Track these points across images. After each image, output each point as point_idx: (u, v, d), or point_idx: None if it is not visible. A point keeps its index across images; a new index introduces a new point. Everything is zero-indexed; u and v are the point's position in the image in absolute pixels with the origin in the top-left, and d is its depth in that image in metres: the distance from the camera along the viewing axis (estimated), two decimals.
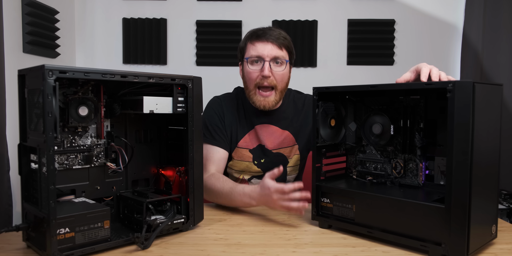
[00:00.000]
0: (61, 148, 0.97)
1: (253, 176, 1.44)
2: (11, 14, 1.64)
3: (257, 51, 1.31)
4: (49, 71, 0.79)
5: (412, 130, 1.03)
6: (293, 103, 1.48)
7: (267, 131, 1.43)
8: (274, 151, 1.43)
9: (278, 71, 1.33)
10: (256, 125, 1.42)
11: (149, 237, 0.94)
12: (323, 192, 1.08)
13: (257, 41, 1.33)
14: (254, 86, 1.34)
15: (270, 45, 1.31)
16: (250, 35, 1.36)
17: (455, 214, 0.82)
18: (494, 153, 0.91)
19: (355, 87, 1.02)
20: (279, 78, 1.33)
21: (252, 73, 1.33)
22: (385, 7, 2.45)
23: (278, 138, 1.43)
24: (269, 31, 1.33)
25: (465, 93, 0.81)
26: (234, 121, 1.42)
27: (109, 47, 2.40)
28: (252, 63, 1.34)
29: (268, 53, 1.30)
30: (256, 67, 1.33)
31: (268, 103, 1.35)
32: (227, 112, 1.43)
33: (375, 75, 2.46)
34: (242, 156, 1.42)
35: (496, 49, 2.22)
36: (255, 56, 1.32)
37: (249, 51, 1.34)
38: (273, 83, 1.33)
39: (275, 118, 1.43)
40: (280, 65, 1.33)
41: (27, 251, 0.90)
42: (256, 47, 1.32)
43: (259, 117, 1.42)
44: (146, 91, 1.02)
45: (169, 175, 1.12)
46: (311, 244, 0.96)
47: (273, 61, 1.32)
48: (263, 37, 1.32)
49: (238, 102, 1.45)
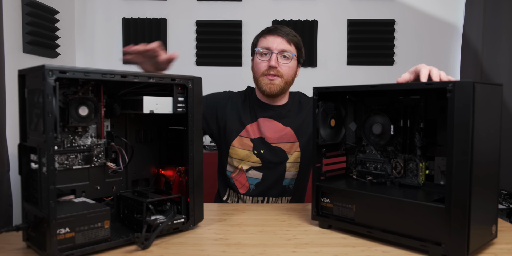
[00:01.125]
0: (61, 148, 0.97)
1: (251, 167, 1.47)
2: (11, 14, 1.64)
3: (267, 44, 1.40)
4: (49, 71, 0.79)
5: (412, 130, 1.03)
6: (298, 103, 1.54)
7: (269, 125, 1.48)
8: (273, 145, 1.47)
9: (285, 64, 1.41)
10: (260, 118, 1.48)
11: (149, 237, 0.94)
12: (323, 192, 1.08)
13: (268, 34, 1.42)
14: (261, 74, 1.42)
15: (279, 39, 1.40)
16: (262, 31, 1.46)
17: (455, 214, 0.83)
18: (494, 153, 0.91)
19: (355, 87, 1.02)
20: (286, 69, 1.41)
21: (260, 63, 1.42)
22: (385, 7, 2.45)
23: (279, 132, 1.47)
24: (281, 28, 1.43)
25: (465, 93, 0.81)
26: (237, 112, 1.50)
27: (109, 47, 2.40)
28: (261, 54, 1.42)
29: (277, 46, 1.39)
30: (265, 58, 1.41)
31: (274, 85, 1.40)
32: (231, 103, 1.51)
33: (375, 75, 2.47)
34: (244, 144, 1.47)
35: (496, 49, 2.22)
36: (264, 48, 1.41)
37: (260, 44, 1.44)
38: (279, 73, 1.40)
39: (279, 114, 1.49)
40: (287, 58, 1.41)
41: (27, 251, 0.90)
42: (266, 40, 1.41)
43: (264, 111, 1.49)
44: (146, 91, 1.02)
45: (169, 175, 1.12)
46: (311, 244, 0.96)
47: (281, 54, 1.40)
48: (274, 32, 1.41)
49: (246, 95, 1.54)
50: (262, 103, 1.49)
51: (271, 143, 1.46)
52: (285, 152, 1.47)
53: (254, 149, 1.47)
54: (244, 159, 1.48)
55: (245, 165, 1.48)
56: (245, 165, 1.48)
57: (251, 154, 1.47)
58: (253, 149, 1.46)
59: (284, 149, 1.47)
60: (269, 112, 1.49)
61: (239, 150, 1.48)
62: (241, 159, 1.48)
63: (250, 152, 1.47)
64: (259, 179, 1.48)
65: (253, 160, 1.47)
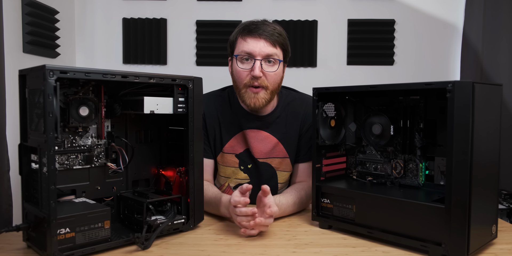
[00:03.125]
0: (62, 148, 0.97)
1: (239, 184, 1.34)
2: (11, 14, 1.64)
3: (248, 48, 1.19)
4: (50, 71, 0.79)
5: (412, 130, 1.03)
6: (287, 106, 1.35)
7: (256, 137, 1.31)
8: (261, 160, 1.32)
9: (270, 72, 1.21)
10: (245, 130, 1.31)
11: (150, 237, 0.94)
12: (323, 193, 1.08)
13: (249, 36, 1.20)
14: (244, 85, 1.22)
15: (262, 42, 1.19)
16: (242, 29, 1.23)
17: (455, 214, 0.83)
18: (494, 153, 0.91)
19: (355, 87, 1.02)
20: (271, 79, 1.22)
21: (241, 72, 1.21)
22: (385, 7, 2.45)
23: (267, 145, 1.32)
24: (263, 26, 1.20)
25: (464, 93, 0.81)
26: (218, 124, 1.32)
27: (109, 47, 2.40)
28: (242, 61, 1.22)
29: (260, 51, 1.18)
30: (246, 66, 1.21)
31: (259, 100, 1.21)
32: (213, 113, 1.33)
33: (375, 75, 2.47)
34: (227, 161, 1.32)
35: (496, 49, 2.22)
36: (245, 53, 1.20)
37: (240, 47, 1.22)
38: (264, 84, 1.21)
39: (266, 123, 1.31)
40: (272, 64, 1.21)
41: (27, 251, 0.90)
42: (247, 43, 1.20)
43: (250, 121, 1.31)
44: (146, 91, 1.02)
45: (170, 176, 1.12)
46: (311, 244, 0.96)
47: (265, 60, 1.20)
48: (255, 33, 1.19)
49: (225, 100, 1.34)
50: (247, 113, 1.30)
51: (258, 158, 1.31)
52: (273, 168, 1.33)
53: (241, 165, 1.32)
54: (231, 177, 1.34)
55: (232, 183, 1.35)
56: (232, 182, 1.35)
57: (237, 170, 1.33)
58: (239, 165, 1.32)
59: (272, 164, 1.33)
60: (255, 123, 1.30)
61: (224, 167, 1.33)
62: (227, 177, 1.34)
63: (237, 169, 1.32)
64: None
65: (240, 177, 1.33)
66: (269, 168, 1.33)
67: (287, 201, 1.17)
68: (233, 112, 1.33)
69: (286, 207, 1.16)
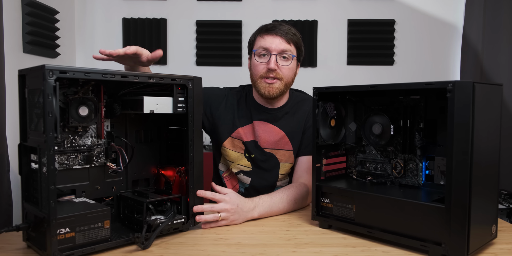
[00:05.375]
0: (62, 148, 0.97)
1: (240, 170, 1.43)
2: (11, 14, 1.64)
3: (265, 44, 1.32)
4: (50, 71, 0.79)
5: (412, 130, 1.03)
6: (297, 104, 1.46)
7: (264, 128, 1.41)
8: (266, 150, 1.41)
9: (284, 66, 1.33)
10: (255, 121, 1.41)
11: (149, 237, 0.94)
12: (323, 192, 1.08)
13: (266, 34, 1.34)
14: (260, 76, 1.34)
15: (278, 39, 1.32)
16: (260, 29, 1.38)
17: (455, 214, 0.83)
18: (494, 153, 0.91)
19: (355, 87, 1.02)
20: (285, 72, 1.34)
21: (258, 65, 1.34)
22: (385, 7, 2.45)
23: (274, 137, 1.41)
24: (279, 26, 1.34)
25: (465, 93, 0.81)
26: (232, 112, 1.43)
27: (109, 47, 2.39)
28: (259, 55, 1.35)
29: (276, 47, 1.31)
30: (263, 60, 1.34)
31: (273, 89, 1.33)
32: (226, 102, 1.44)
33: (375, 75, 2.47)
34: (235, 146, 1.42)
35: (496, 49, 2.22)
36: (262, 49, 1.33)
37: (257, 44, 1.35)
38: (278, 76, 1.33)
39: (275, 117, 1.42)
40: (286, 60, 1.34)
41: (27, 251, 0.90)
42: (264, 40, 1.33)
43: (260, 114, 1.42)
44: (146, 91, 1.02)
45: (169, 175, 1.12)
46: (311, 244, 0.96)
47: (280, 55, 1.32)
48: (272, 31, 1.33)
49: (242, 95, 1.47)
50: (259, 105, 1.42)
51: (264, 148, 1.41)
52: (277, 159, 1.41)
53: (246, 152, 1.42)
54: (235, 161, 1.43)
55: (234, 168, 1.44)
56: (235, 168, 1.44)
57: (242, 156, 1.42)
58: (244, 152, 1.42)
59: (277, 155, 1.41)
60: (265, 115, 1.42)
61: (230, 151, 1.43)
62: (232, 161, 1.44)
63: (241, 155, 1.42)
64: (248, 184, 1.44)
65: (243, 163, 1.42)
66: (274, 159, 1.42)
67: (271, 199, 1.20)
68: (247, 105, 1.44)
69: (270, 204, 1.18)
